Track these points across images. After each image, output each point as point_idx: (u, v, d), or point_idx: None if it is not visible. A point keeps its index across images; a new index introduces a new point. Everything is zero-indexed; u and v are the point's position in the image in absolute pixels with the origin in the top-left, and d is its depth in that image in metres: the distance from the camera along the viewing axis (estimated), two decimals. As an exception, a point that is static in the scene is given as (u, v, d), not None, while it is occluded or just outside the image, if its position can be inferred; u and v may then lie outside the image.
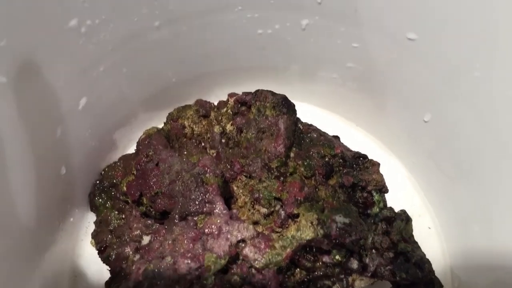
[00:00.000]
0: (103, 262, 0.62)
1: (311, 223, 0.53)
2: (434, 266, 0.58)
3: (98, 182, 0.69)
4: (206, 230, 0.52)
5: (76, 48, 0.54)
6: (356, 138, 0.79)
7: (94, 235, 0.65)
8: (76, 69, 0.56)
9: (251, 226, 0.53)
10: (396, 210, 0.61)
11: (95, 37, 0.55)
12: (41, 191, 0.56)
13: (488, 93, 0.55)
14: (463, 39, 0.54)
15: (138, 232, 0.60)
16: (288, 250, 0.51)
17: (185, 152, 0.64)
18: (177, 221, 0.54)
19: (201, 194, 0.54)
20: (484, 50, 0.52)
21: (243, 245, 0.52)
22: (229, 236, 0.51)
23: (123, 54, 0.61)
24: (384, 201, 0.62)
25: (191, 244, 0.51)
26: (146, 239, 0.59)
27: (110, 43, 0.58)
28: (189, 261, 0.50)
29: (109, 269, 0.60)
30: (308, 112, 0.76)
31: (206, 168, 0.56)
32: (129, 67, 0.64)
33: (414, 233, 0.60)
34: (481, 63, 0.53)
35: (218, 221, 0.52)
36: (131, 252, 0.59)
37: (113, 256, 0.60)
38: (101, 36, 0.56)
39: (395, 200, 0.64)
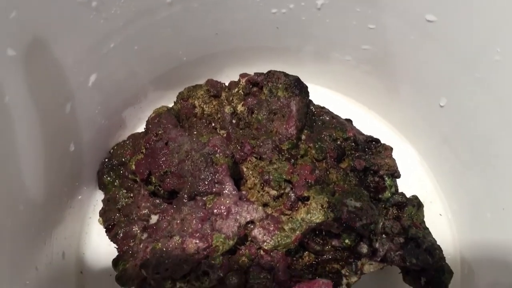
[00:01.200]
0: (111, 240, 0.62)
1: (322, 206, 0.52)
2: (444, 253, 0.57)
3: (106, 160, 0.70)
4: (215, 211, 0.52)
5: (86, 23, 0.53)
6: (368, 122, 0.79)
7: (102, 213, 0.65)
8: (86, 45, 0.56)
9: (260, 208, 0.53)
10: (408, 195, 0.60)
11: (106, 12, 0.55)
12: (49, 167, 0.56)
13: (508, 78, 0.54)
14: (484, 22, 0.53)
15: (146, 211, 0.60)
16: (298, 232, 0.52)
17: (195, 132, 0.64)
18: (185, 200, 0.54)
19: (211, 174, 0.53)
20: (506, 33, 0.51)
21: (252, 226, 0.52)
22: (238, 217, 0.51)
23: (134, 30, 0.61)
24: (396, 186, 0.61)
25: (199, 224, 0.51)
26: (154, 218, 0.59)
27: (121, 18, 0.58)
28: (198, 241, 0.50)
29: (117, 247, 0.60)
30: (321, 95, 0.76)
31: (216, 148, 0.56)
32: (140, 44, 0.64)
33: (425, 219, 0.60)
34: (502, 46, 0.52)
35: (227, 201, 0.52)
36: (139, 231, 0.60)
37: (121, 235, 0.61)
38: (112, 11, 0.56)
39: (407, 186, 0.64)
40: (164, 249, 0.51)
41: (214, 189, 0.53)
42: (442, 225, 0.71)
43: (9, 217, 0.48)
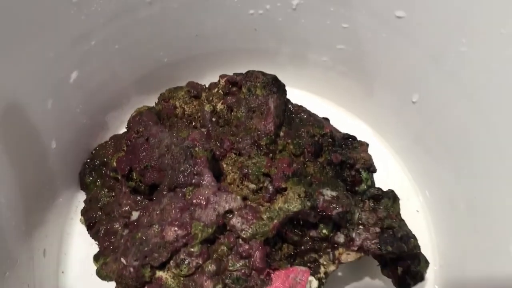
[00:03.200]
0: (92, 238, 0.63)
1: (299, 195, 0.53)
2: (422, 248, 0.58)
3: (88, 160, 0.70)
4: (194, 201, 0.52)
5: (67, 18, 0.54)
6: (346, 123, 0.78)
7: (84, 212, 0.66)
8: (67, 40, 0.56)
9: (239, 197, 0.53)
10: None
11: (87, 8, 0.56)
12: (31, 165, 0.57)
13: (474, 69, 0.55)
14: (450, 14, 0.55)
15: (127, 208, 0.60)
16: (275, 221, 0.52)
17: (175, 129, 0.64)
18: (165, 192, 0.54)
19: (190, 167, 0.54)
20: (470, 24, 0.53)
21: (230, 215, 0.52)
22: (216, 206, 0.52)
23: (115, 29, 0.62)
24: (372, 180, 0.63)
25: (179, 214, 0.52)
26: (135, 215, 0.59)
27: (102, 16, 0.59)
28: (177, 229, 0.51)
29: (98, 244, 0.61)
30: (299, 97, 0.76)
31: (196, 142, 0.56)
32: (121, 44, 0.65)
33: (403, 216, 0.61)
34: (467, 37, 0.54)
35: (206, 192, 0.53)
36: (120, 228, 0.60)
37: (102, 232, 0.62)
38: (92, 8, 0.57)
39: (384, 184, 0.64)
40: (144, 237, 0.52)
41: (193, 181, 0.53)
42: (420, 221, 0.72)
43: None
